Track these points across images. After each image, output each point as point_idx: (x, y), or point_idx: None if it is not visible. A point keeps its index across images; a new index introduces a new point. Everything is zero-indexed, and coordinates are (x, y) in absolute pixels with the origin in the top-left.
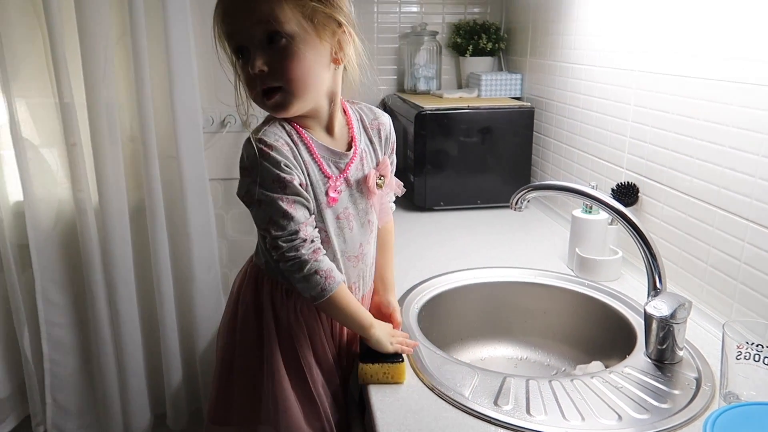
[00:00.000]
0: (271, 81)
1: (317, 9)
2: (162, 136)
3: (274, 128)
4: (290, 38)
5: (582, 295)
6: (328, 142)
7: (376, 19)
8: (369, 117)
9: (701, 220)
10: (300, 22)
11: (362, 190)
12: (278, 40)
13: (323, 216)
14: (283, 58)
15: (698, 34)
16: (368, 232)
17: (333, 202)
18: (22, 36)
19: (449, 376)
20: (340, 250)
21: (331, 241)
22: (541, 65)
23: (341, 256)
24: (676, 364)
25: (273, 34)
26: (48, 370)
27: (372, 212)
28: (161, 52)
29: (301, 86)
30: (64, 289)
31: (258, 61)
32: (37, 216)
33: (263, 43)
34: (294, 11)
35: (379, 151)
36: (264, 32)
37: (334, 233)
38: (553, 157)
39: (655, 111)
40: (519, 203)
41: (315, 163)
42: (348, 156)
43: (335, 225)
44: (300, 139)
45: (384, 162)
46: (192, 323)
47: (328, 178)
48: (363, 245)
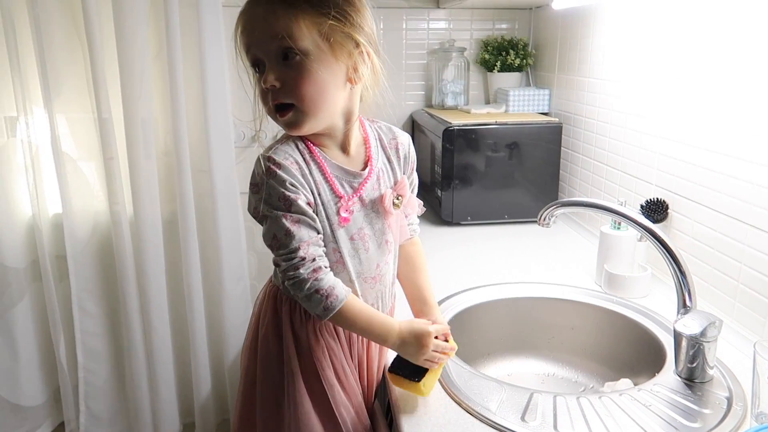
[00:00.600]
0: (283, 97)
1: (335, 27)
2: (195, 151)
3: (286, 146)
4: (304, 56)
5: (610, 312)
6: (343, 161)
7: (404, 35)
8: (387, 136)
9: (732, 237)
10: (315, 40)
11: (378, 210)
12: (292, 57)
13: (335, 236)
14: (296, 76)
15: (729, 45)
16: (386, 253)
17: (344, 222)
18: (65, 56)
19: (476, 391)
20: (356, 271)
21: (345, 262)
22: (569, 81)
23: (357, 278)
24: (707, 383)
25: (287, 51)
26: (82, 378)
27: (389, 232)
28: (196, 69)
29: (314, 105)
30: (99, 299)
31: (270, 75)
32: (74, 228)
33: (278, 59)
34: (310, 29)
35: (398, 170)
36: (278, 48)
37: (349, 254)
38: (581, 172)
39: (684, 126)
40: (546, 219)
41: (327, 182)
42: (362, 175)
43: (349, 246)
44: (312, 158)
45: (402, 182)
46: (221, 334)
47: (339, 197)
48: (380, 266)
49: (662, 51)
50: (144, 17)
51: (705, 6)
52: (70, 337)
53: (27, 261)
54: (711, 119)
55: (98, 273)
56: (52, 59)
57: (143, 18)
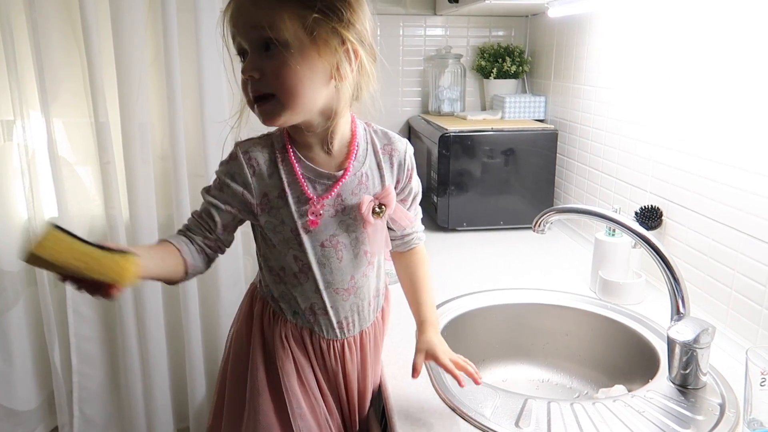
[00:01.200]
0: (263, 87)
1: (320, 22)
2: (191, 155)
3: (259, 144)
4: (284, 47)
5: (605, 318)
6: (322, 160)
7: (401, 42)
8: (382, 141)
9: (726, 245)
10: (297, 33)
11: (356, 217)
12: (273, 48)
13: (300, 241)
14: (276, 67)
15: (723, 53)
16: (363, 264)
17: (313, 225)
18: (62, 59)
19: (471, 397)
20: (325, 281)
21: (311, 270)
22: (564, 88)
23: (326, 288)
24: (700, 390)
25: (268, 41)
26: (76, 383)
27: (368, 243)
28: (193, 74)
29: (292, 97)
30: (93, 303)
31: (249, 65)
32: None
33: (259, 49)
34: (293, 21)
35: (387, 178)
36: (260, 38)
37: (317, 261)
38: (576, 179)
39: (679, 134)
40: (541, 226)
41: (296, 183)
42: (336, 177)
43: (319, 252)
44: (285, 160)
45: (387, 190)
46: (216, 339)
47: (309, 199)
48: (355, 278)
49: (657, 59)
50: (141, 22)
51: (699, 14)
52: (64, 341)
53: (22, 264)
54: (705, 127)
55: None
56: (49, 63)
57: (141, 22)
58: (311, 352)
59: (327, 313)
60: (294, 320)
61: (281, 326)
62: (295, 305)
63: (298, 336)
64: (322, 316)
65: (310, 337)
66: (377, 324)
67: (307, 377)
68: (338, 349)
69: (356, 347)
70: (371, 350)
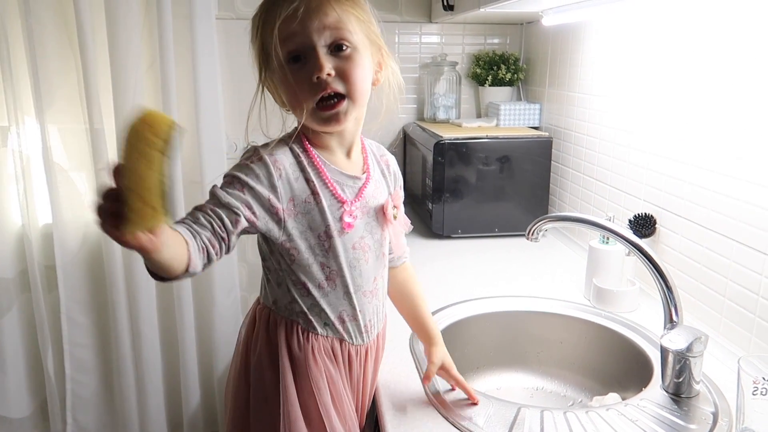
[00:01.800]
0: (337, 85)
1: (370, 27)
2: (187, 162)
3: (279, 147)
4: (354, 49)
5: (599, 326)
6: (344, 165)
7: (397, 49)
8: (378, 152)
9: (719, 253)
10: (361, 36)
11: (378, 218)
12: (344, 48)
13: (333, 245)
14: (350, 65)
15: (716, 61)
16: (382, 266)
17: (348, 227)
18: (57, 66)
19: (464, 405)
20: (354, 284)
21: (343, 274)
22: (559, 95)
23: (355, 292)
24: (693, 398)
25: (341, 42)
26: (70, 390)
27: (386, 244)
28: (188, 81)
29: (362, 96)
30: (87, 310)
31: (328, 63)
32: (64, 238)
33: (328, 50)
34: (360, 24)
35: (390, 185)
36: (333, 38)
37: (348, 265)
38: (571, 186)
39: (673, 142)
40: (535, 234)
41: (326, 187)
42: (362, 179)
43: (351, 256)
44: (310, 163)
45: (397, 193)
46: (211, 346)
47: (342, 203)
48: (377, 279)
49: (651, 67)
50: (137, 28)
51: (691, 24)
52: (58, 348)
53: (16, 271)
54: (699, 135)
55: (87, 283)
56: (44, 69)
57: (136, 29)
58: (340, 362)
59: (356, 318)
60: (324, 332)
61: (312, 341)
62: (325, 316)
63: (329, 348)
64: (351, 322)
65: (340, 347)
66: (384, 328)
67: (339, 392)
68: (363, 354)
69: (373, 350)
70: (381, 352)
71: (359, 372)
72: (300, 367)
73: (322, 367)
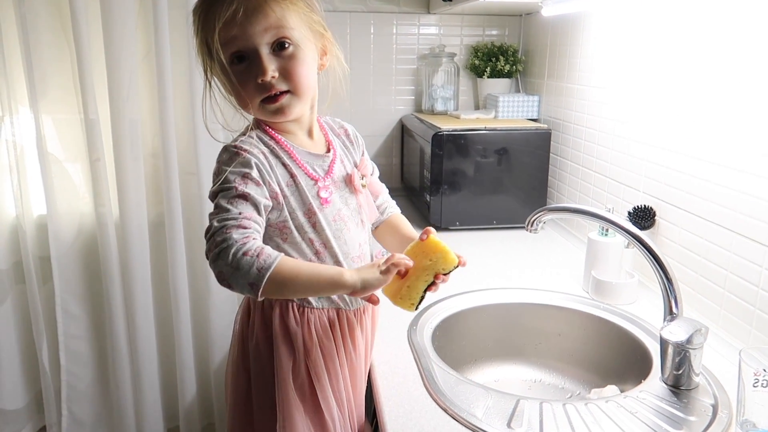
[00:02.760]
0: (281, 85)
1: (311, 17)
2: (182, 153)
3: (248, 139)
4: (296, 45)
5: (597, 318)
6: (309, 145)
7: (395, 40)
8: (335, 125)
9: (719, 245)
10: (302, 29)
11: (349, 189)
12: (286, 47)
13: (317, 221)
14: (293, 64)
15: (716, 53)
16: (363, 232)
17: (326, 203)
18: (51, 55)
19: (462, 397)
20: (343, 252)
21: (331, 245)
22: (558, 87)
23: (345, 258)
24: (693, 390)
25: (283, 40)
26: (65, 382)
27: (362, 211)
28: (184, 71)
29: (306, 90)
30: (83, 302)
31: (270, 66)
32: (59, 229)
33: (272, 49)
34: (300, 18)
35: (354, 153)
36: (274, 37)
37: (334, 236)
38: (569, 178)
39: (672, 134)
40: (534, 225)
41: (299, 168)
42: (329, 157)
43: (334, 227)
44: (279, 148)
45: (362, 162)
46: (207, 337)
47: (315, 180)
48: (361, 245)
49: (650, 59)
50: (133, 18)
51: (691, 15)
52: (53, 339)
53: (10, 262)
54: (698, 127)
55: (83, 275)
56: (38, 58)
57: (131, 18)
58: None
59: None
60: (319, 304)
61: (308, 316)
62: None
63: (326, 320)
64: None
65: (337, 316)
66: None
67: (335, 367)
68: (361, 316)
69: (369, 312)
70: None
71: (360, 336)
72: (297, 344)
73: (317, 341)
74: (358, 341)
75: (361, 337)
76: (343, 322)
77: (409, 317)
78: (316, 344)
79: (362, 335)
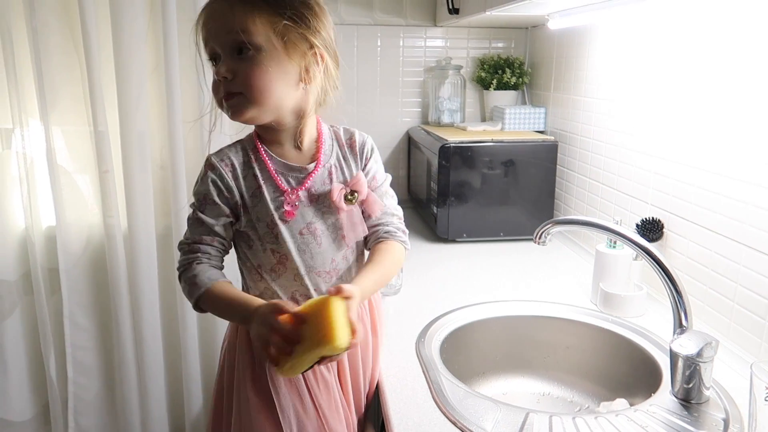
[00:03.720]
0: (232, 87)
1: (290, 28)
2: (190, 165)
3: (231, 148)
4: (256, 51)
5: (606, 331)
6: (292, 156)
7: (401, 53)
8: (345, 136)
9: (728, 257)
10: (269, 37)
11: (330, 204)
12: (246, 51)
13: (279, 232)
14: (247, 68)
15: (723, 65)
16: (342, 247)
17: (289, 215)
18: (61, 67)
19: (471, 410)
20: (306, 265)
21: (290, 257)
22: (564, 99)
23: (307, 272)
24: (703, 404)
25: (241, 45)
26: (72, 393)
27: (344, 228)
28: (193, 84)
29: (260, 96)
30: (90, 313)
31: (223, 67)
32: (67, 241)
33: (233, 53)
34: (265, 26)
35: (354, 168)
36: (233, 42)
37: (296, 249)
38: (576, 190)
39: (679, 146)
40: (543, 237)
41: (270, 179)
42: (308, 170)
43: (298, 240)
44: (256, 157)
45: (357, 177)
46: (213, 350)
47: (283, 192)
48: (336, 260)
49: (656, 71)
50: (142, 31)
51: (698, 27)
52: (60, 351)
53: (19, 273)
54: (706, 139)
55: (91, 287)
56: (48, 71)
57: (141, 31)
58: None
59: (310, 296)
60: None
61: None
62: (277, 298)
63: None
64: (304, 300)
65: None
66: (361, 308)
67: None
68: None
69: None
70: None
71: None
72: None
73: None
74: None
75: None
76: None
77: (417, 329)
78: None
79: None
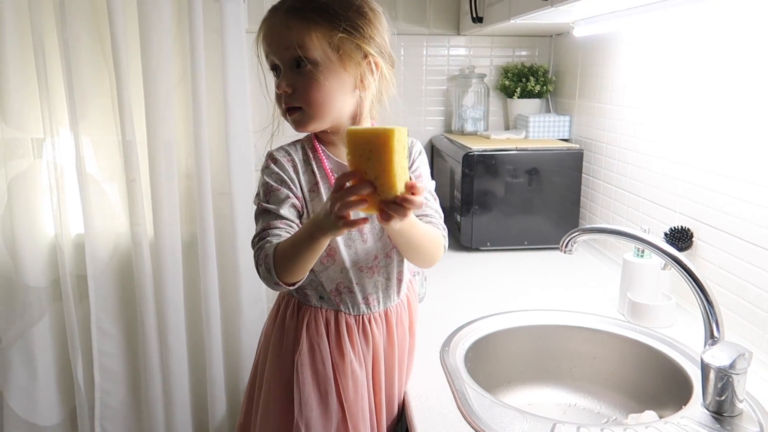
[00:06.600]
0: (293, 101)
1: (345, 39)
2: (216, 174)
3: (291, 146)
4: (314, 65)
5: (634, 342)
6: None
7: (425, 61)
8: None
9: (759, 266)
10: (325, 51)
11: None
12: (303, 66)
13: None
14: (306, 83)
15: (751, 71)
16: (388, 246)
17: None
18: (91, 78)
19: (497, 420)
20: (351, 260)
21: (338, 251)
22: (589, 107)
23: (352, 266)
24: (736, 417)
25: (299, 60)
26: (98, 399)
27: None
28: (219, 93)
29: (319, 109)
30: (117, 320)
31: (283, 82)
32: (95, 248)
33: (291, 66)
34: (321, 40)
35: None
36: (291, 57)
37: (344, 244)
38: (602, 199)
39: (708, 153)
40: (569, 245)
41: (325, 176)
42: None
43: (346, 236)
44: (314, 156)
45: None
46: (238, 357)
47: None
48: (379, 257)
49: (683, 78)
50: (169, 41)
51: (726, 32)
52: (87, 357)
53: (48, 280)
54: (734, 147)
55: (117, 293)
56: (79, 82)
57: (168, 42)
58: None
59: (352, 290)
60: (319, 304)
61: (303, 314)
62: (321, 290)
63: (322, 321)
64: (347, 294)
65: (335, 317)
66: (401, 306)
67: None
68: (366, 323)
69: (382, 322)
70: (397, 327)
71: (362, 343)
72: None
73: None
74: (359, 348)
75: (365, 345)
76: (341, 325)
77: (441, 338)
78: (304, 340)
79: (367, 344)
